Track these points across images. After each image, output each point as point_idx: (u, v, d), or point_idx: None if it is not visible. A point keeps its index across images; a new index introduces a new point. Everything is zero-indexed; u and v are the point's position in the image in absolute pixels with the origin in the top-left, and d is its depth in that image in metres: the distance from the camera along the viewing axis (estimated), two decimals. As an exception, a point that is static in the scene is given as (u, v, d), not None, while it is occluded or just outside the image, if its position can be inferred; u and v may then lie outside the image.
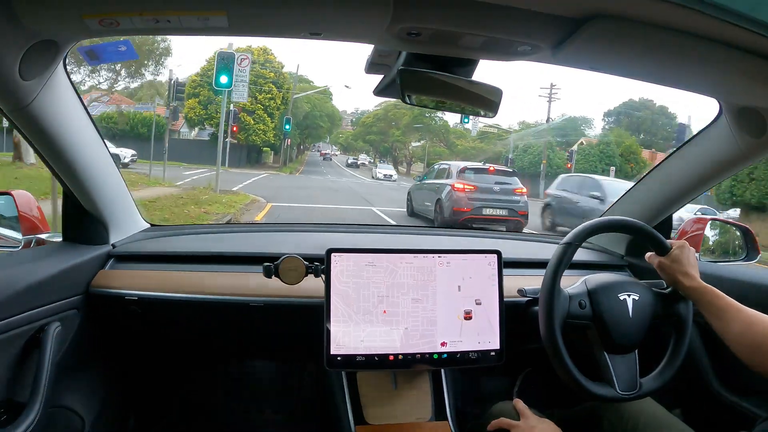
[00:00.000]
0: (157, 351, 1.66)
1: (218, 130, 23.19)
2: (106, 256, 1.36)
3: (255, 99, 26.48)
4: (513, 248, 1.62)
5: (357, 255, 1.20)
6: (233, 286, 1.32)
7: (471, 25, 0.79)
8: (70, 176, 1.19)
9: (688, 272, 1.07)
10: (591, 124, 34.17)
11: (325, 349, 1.16)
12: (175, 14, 0.77)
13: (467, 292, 1.23)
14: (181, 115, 25.59)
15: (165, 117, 18.12)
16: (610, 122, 36.11)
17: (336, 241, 1.59)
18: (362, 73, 1.04)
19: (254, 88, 25.77)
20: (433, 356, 1.21)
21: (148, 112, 24.17)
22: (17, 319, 1.02)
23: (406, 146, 39.98)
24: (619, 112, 35.60)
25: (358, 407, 1.27)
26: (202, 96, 25.24)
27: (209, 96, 24.54)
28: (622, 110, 35.30)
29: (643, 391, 1.09)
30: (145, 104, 25.35)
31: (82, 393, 1.36)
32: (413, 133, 37.83)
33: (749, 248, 1.60)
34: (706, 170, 1.33)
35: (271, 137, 27.33)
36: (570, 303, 1.10)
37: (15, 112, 0.96)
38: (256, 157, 30.04)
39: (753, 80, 0.89)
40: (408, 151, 40.57)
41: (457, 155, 32.42)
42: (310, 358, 1.72)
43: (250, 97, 25.16)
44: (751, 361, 0.95)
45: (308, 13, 0.79)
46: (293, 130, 29.35)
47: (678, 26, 0.73)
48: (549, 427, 1.05)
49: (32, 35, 0.81)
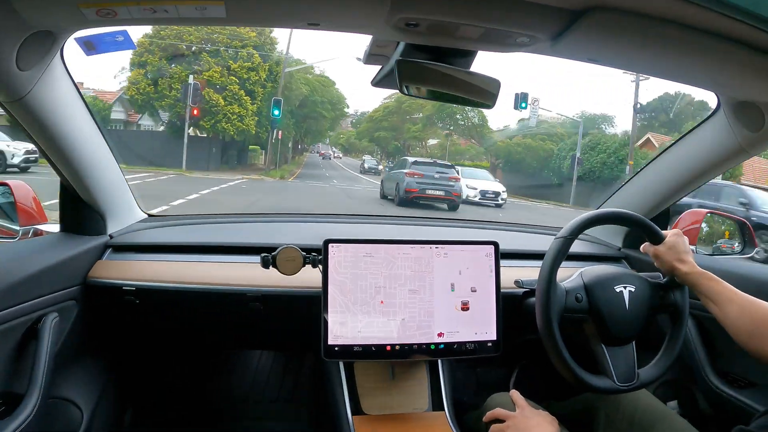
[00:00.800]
0: (155, 341, 1.67)
1: (172, 115, 17.39)
2: (103, 246, 1.36)
3: (227, 69, 17.85)
4: (510, 239, 1.62)
5: (354, 245, 1.20)
6: (231, 276, 1.33)
7: (469, 16, 0.79)
8: (68, 167, 1.19)
9: (683, 258, 1.08)
10: (612, 121, 28.65)
11: (323, 340, 1.17)
12: (173, 3, 0.76)
13: (464, 283, 1.24)
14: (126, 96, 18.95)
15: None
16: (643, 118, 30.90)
17: (333, 232, 1.59)
18: (360, 70, 1.03)
19: (227, 54, 17.96)
20: (430, 347, 1.22)
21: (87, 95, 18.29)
22: (15, 310, 1.02)
23: (423, 144, 34.24)
24: (654, 107, 30.65)
25: (356, 398, 1.28)
26: (151, 66, 17.46)
27: (161, 66, 17.42)
28: (657, 105, 30.76)
29: (641, 382, 1.10)
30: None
31: (81, 384, 1.37)
32: (432, 128, 31.90)
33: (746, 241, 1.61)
34: (703, 163, 1.33)
35: (251, 126, 18.42)
36: (567, 297, 1.10)
37: (12, 102, 0.96)
38: (236, 157, 21.77)
39: (751, 74, 0.89)
40: (425, 150, 33.77)
41: (495, 156, 27.55)
42: (308, 349, 1.73)
43: (220, 66, 17.68)
44: (748, 344, 0.95)
45: (306, 3, 0.79)
46: (285, 119, 20.70)
47: (676, 19, 0.73)
48: (545, 418, 1.06)
49: (29, 25, 0.81)
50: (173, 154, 15.75)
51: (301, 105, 23.59)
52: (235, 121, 17.93)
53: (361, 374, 1.31)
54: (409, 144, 34.11)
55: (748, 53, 0.79)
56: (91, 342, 1.40)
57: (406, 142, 34.00)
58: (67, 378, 1.31)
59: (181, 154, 16.12)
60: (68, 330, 1.22)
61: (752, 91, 1.02)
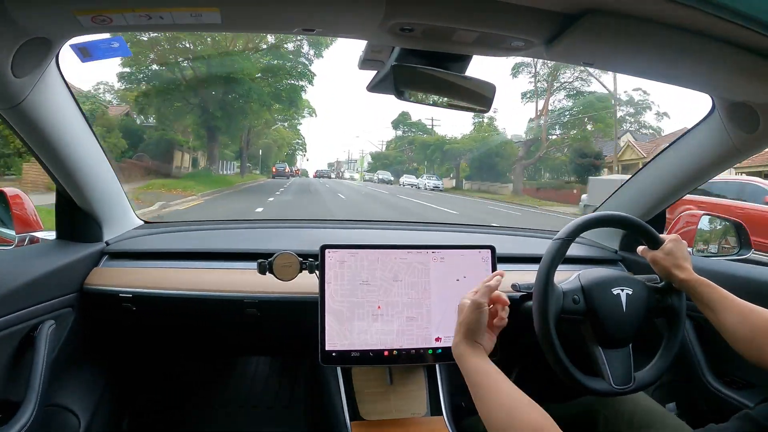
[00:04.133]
0: (152, 348, 1.66)
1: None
2: (99, 253, 1.36)
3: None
4: (507, 243, 1.63)
5: (351, 251, 1.20)
6: (227, 282, 1.32)
7: (464, 20, 0.79)
8: (63, 174, 1.19)
9: (681, 265, 1.08)
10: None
11: (320, 346, 1.17)
12: (168, 10, 0.76)
13: (461, 287, 1.23)
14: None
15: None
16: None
17: (330, 237, 1.59)
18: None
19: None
20: (428, 351, 1.22)
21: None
22: (11, 318, 1.01)
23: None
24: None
25: (353, 403, 1.27)
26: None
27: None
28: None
29: (638, 385, 1.10)
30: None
31: (78, 391, 1.36)
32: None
33: (742, 243, 1.61)
34: (699, 165, 1.33)
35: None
36: (564, 299, 1.10)
37: (7, 109, 0.96)
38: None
39: (745, 76, 0.90)
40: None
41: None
42: (305, 354, 1.73)
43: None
44: (747, 352, 0.94)
45: (301, 9, 0.79)
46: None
47: (671, 22, 0.74)
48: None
49: (24, 32, 0.81)
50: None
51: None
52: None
53: (358, 380, 1.30)
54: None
55: (742, 55, 0.80)
56: (87, 349, 1.40)
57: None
58: (64, 385, 1.30)
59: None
60: (65, 337, 1.22)
61: (746, 92, 1.02)
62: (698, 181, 1.39)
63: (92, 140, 1.22)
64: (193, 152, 21.57)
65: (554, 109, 26.64)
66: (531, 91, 26.96)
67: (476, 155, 29.68)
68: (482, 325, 0.92)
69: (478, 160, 29.58)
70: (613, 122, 23.65)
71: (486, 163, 28.99)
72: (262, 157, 32.44)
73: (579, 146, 24.42)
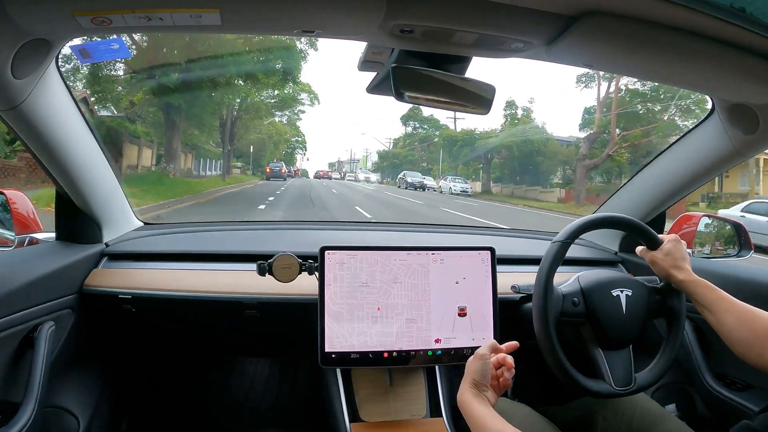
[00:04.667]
0: (152, 350, 1.66)
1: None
2: (99, 255, 1.36)
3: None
4: (506, 245, 1.62)
5: (351, 252, 1.20)
6: (227, 284, 1.32)
7: (464, 22, 0.79)
8: (63, 175, 1.19)
9: (680, 266, 1.08)
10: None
11: (320, 347, 1.17)
12: (168, 11, 0.76)
13: (461, 288, 1.23)
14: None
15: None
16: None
17: (329, 239, 1.59)
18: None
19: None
20: (427, 353, 1.22)
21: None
22: (10, 319, 1.01)
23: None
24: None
25: (353, 404, 1.27)
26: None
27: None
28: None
29: (638, 386, 1.10)
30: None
31: (77, 393, 1.36)
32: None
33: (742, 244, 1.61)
34: (698, 167, 1.33)
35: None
36: (563, 301, 1.10)
37: (7, 111, 0.96)
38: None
39: (745, 77, 0.90)
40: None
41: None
42: (305, 356, 1.73)
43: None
44: (745, 353, 0.94)
45: (301, 10, 0.79)
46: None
47: (670, 23, 0.74)
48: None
49: (24, 33, 0.81)
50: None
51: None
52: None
53: (358, 381, 1.30)
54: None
55: (742, 56, 0.80)
56: (87, 351, 1.40)
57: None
58: (64, 387, 1.30)
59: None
60: (64, 339, 1.22)
61: (746, 93, 1.02)
62: (698, 183, 1.39)
63: (92, 142, 1.22)
64: (157, 147, 15.92)
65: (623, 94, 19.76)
66: (586, 74, 20.50)
67: (515, 153, 24.17)
68: (486, 375, 0.92)
69: (516, 159, 24.26)
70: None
71: (525, 162, 24.02)
72: (253, 155, 27.62)
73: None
